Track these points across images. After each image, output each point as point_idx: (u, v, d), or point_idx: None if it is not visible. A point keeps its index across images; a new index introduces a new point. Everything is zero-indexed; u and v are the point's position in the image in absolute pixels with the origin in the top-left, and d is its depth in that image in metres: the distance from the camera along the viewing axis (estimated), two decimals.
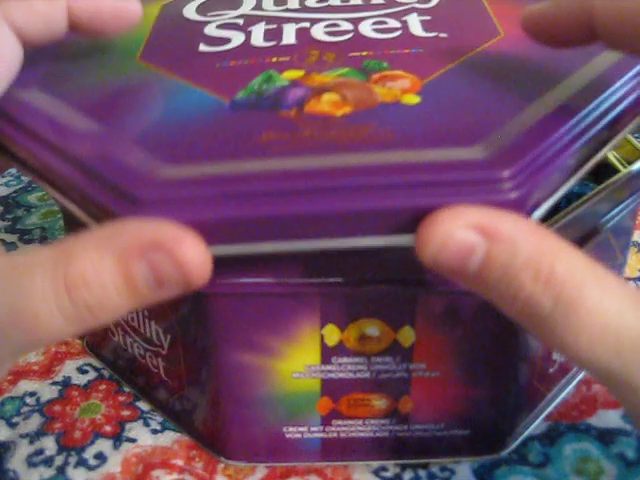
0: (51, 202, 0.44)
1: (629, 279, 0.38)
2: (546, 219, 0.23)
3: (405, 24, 0.28)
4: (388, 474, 0.28)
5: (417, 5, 0.30)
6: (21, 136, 0.24)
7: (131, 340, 0.30)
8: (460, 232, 0.19)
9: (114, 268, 0.19)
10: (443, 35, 0.27)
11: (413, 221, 0.20)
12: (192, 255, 0.19)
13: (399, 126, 0.22)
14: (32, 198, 0.45)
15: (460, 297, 0.24)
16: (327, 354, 0.25)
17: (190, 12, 0.31)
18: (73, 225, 0.30)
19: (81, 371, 0.33)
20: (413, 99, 0.23)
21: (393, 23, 0.28)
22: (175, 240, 0.19)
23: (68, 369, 0.33)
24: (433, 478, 0.27)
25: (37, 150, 0.23)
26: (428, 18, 0.29)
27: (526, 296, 0.19)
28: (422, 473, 0.28)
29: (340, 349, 0.25)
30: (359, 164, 0.20)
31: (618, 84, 0.24)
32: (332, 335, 0.25)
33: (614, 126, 0.24)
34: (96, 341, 0.33)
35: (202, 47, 0.28)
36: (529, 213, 0.21)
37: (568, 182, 0.22)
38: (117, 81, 0.26)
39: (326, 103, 0.23)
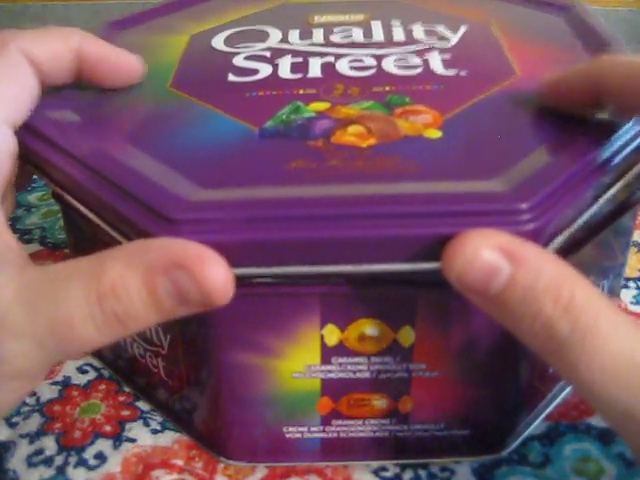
0: (51, 202, 0.44)
1: (629, 279, 0.38)
2: None
3: (426, 62, 0.30)
4: (388, 474, 0.28)
5: (437, 44, 0.31)
6: (59, 158, 0.25)
7: (131, 340, 0.30)
8: (486, 253, 0.20)
9: (140, 282, 0.20)
10: (463, 73, 0.29)
11: (434, 249, 0.21)
12: (213, 276, 0.20)
13: (422, 159, 0.23)
14: (32, 198, 0.45)
15: (460, 297, 0.24)
16: (327, 354, 0.25)
17: (218, 43, 0.32)
18: (73, 225, 0.30)
19: (81, 371, 0.33)
20: (435, 133, 0.25)
21: (415, 61, 0.30)
22: (197, 261, 0.20)
23: (68, 369, 0.33)
24: (433, 478, 0.27)
25: (74, 171, 0.24)
26: (448, 57, 0.30)
27: (545, 319, 0.20)
28: (422, 473, 0.28)
29: (340, 349, 0.25)
30: (385, 193, 0.22)
31: (632, 122, 0.25)
32: (332, 335, 0.25)
33: (629, 162, 0.25)
34: None
35: (231, 77, 0.29)
36: (545, 244, 0.22)
37: (583, 215, 0.23)
38: (150, 107, 0.28)
39: (352, 134, 0.25)
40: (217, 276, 0.20)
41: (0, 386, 0.22)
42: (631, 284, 0.38)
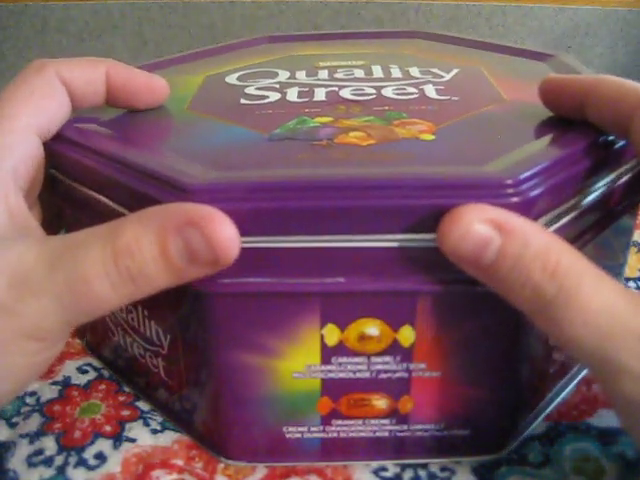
0: None
1: (629, 279, 0.38)
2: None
3: (422, 90, 0.33)
4: (388, 474, 0.28)
5: (432, 79, 0.35)
6: (92, 156, 0.27)
7: (131, 340, 0.30)
8: (478, 226, 0.22)
9: (153, 241, 0.22)
10: (455, 98, 0.32)
11: (428, 220, 0.23)
12: (221, 233, 0.22)
13: (418, 153, 0.26)
14: None
15: (460, 297, 0.24)
16: (327, 354, 0.25)
17: (232, 79, 0.36)
18: (72, 226, 0.30)
19: (81, 371, 0.33)
20: (429, 137, 0.27)
21: (411, 90, 0.33)
22: (207, 219, 0.21)
23: (68, 369, 0.33)
24: (433, 478, 0.27)
25: (104, 166, 0.26)
26: (442, 87, 0.33)
27: (534, 285, 0.21)
28: (422, 473, 0.28)
29: (340, 349, 0.25)
30: (384, 172, 0.24)
31: None
32: (332, 335, 0.25)
33: (618, 155, 0.27)
34: (96, 341, 0.33)
35: (243, 101, 0.32)
36: (533, 220, 0.23)
37: (572, 199, 0.25)
38: (169, 122, 0.31)
39: (353, 137, 0.27)
40: (225, 233, 0.22)
41: (18, 346, 0.23)
42: (631, 284, 0.38)
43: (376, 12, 1.59)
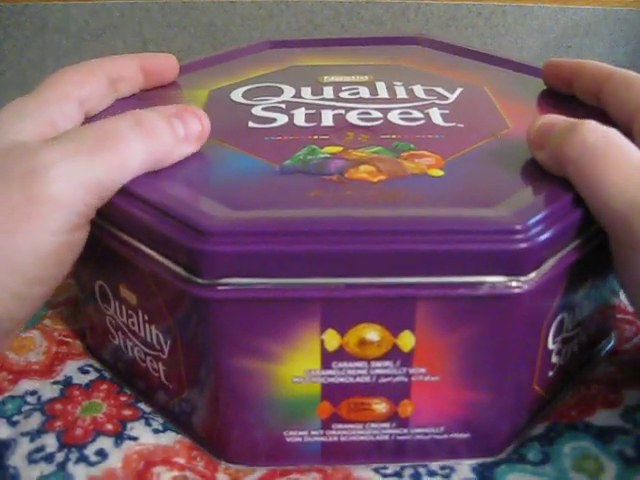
0: None
1: None
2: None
3: (427, 115, 0.33)
4: (388, 471, 0.28)
5: (436, 101, 0.35)
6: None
7: (131, 344, 0.30)
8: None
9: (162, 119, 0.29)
10: (461, 125, 0.32)
11: (435, 264, 0.24)
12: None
13: (428, 191, 0.26)
14: None
15: (459, 302, 0.24)
16: (327, 359, 0.25)
17: (237, 96, 0.36)
18: None
19: (82, 371, 0.33)
20: (438, 172, 0.28)
21: (417, 114, 0.33)
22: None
23: (69, 369, 0.33)
24: (433, 475, 0.28)
25: (120, 202, 0.27)
26: (447, 112, 0.34)
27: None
28: (422, 470, 0.28)
29: (340, 354, 0.25)
30: (396, 214, 0.25)
31: None
32: (332, 340, 0.25)
33: None
34: (97, 343, 0.33)
35: (251, 124, 0.33)
36: (539, 263, 0.24)
37: (575, 240, 0.26)
38: None
39: (363, 172, 0.28)
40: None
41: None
42: None
43: (376, 12, 1.59)
